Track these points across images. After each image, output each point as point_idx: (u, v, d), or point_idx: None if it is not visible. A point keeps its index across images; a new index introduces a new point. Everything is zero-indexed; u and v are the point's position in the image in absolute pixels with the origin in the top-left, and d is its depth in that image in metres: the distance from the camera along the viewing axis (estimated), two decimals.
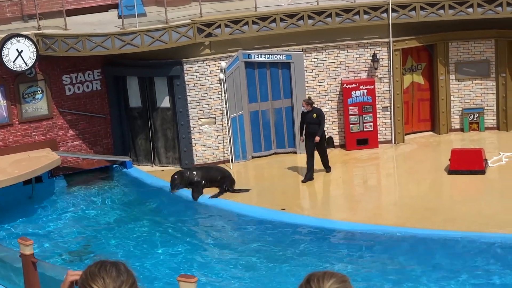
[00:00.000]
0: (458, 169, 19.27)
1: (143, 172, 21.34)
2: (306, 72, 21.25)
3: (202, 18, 20.41)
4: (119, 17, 20.85)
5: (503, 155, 20.18)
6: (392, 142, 21.79)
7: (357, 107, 21.31)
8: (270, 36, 20.87)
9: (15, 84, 20.47)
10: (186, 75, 20.68)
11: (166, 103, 21.18)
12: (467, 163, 19.25)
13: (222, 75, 20.73)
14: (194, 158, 21.16)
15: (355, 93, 21.22)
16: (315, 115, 19.52)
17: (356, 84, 21.23)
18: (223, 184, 19.62)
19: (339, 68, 21.38)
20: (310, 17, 20.69)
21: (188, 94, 20.80)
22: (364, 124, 21.40)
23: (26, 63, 20.00)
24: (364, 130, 21.43)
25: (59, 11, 21.05)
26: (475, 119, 21.99)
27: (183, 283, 11.33)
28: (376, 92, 21.41)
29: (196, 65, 20.72)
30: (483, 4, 20.48)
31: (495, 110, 21.91)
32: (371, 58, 21.25)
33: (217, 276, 15.88)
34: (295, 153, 21.52)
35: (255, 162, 21.43)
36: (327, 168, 20.14)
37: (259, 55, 20.98)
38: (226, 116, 20.98)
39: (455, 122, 22.16)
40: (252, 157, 21.58)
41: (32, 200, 20.14)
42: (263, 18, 20.57)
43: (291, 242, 17.01)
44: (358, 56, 21.36)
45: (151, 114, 21.44)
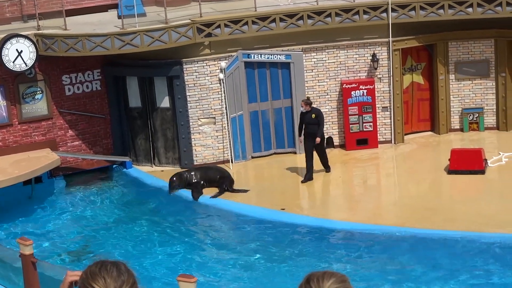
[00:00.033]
0: (457, 169, 19.26)
1: (143, 172, 21.33)
2: (305, 72, 21.25)
3: (201, 18, 20.41)
4: (119, 17, 20.84)
5: (503, 155, 20.17)
6: (391, 142, 21.78)
7: (356, 107, 21.30)
8: (269, 36, 20.86)
9: (14, 84, 20.46)
10: (185, 75, 20.67)
11: (165, 103, 21.17)
12: (467, 163, 19.24)
13: (221, 75, 20.73)
14: (193, 158, 21.15)
15: (355, 93, 21.22)
16: (313, 116, 19.51)
17: (355, 84, 21.23)
18: (222, 184, 19.61)
19: (339, 68, 21.38)
20: (309, 17, 20.69)
21: (187, 94, 20.80)
22: (364, 124, 21.39)
23: (25, 63, 19.99)
24: (364, 130, 21.43)
25: (58, 11, 21.04)
26: (475, 119, 21.98)
27: (183, 283, 11.34)
28: (376, 92, 21.40)
29: (196, 65, 20.72)
30: (482, 3, 20.48)
31: (494, 110, 21.90)
32: (370, 58, 21.25)
33: (216, 276, 15.88)
34: (295, 153, 21.51)
35: (255, 162, 21.43)
36: (326, 168, 20.13)
37: (259, 55, 20.98)
38: (225, 116, 20.97)
39: (455, 122, 22.15)
40: (252, 157, 21.57)
41: (31, 200, 20.12)
42: (262, 18, 20.56)
43: (291, 242, 17.00)
44: (357, 56, 21.36)
45: (150, 114, 21.43)
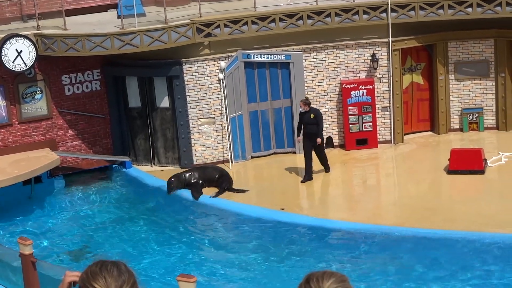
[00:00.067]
0: (457, 169, 19.26)
1: (143, 172, 21.32)
2: (305, 72, 21.24)
3: (201, 18, 20.41)
4: (119, 17, 20.84)
5: (503, 155, 20.17)
6: (391, 142, 21.78)
7: (356, 107, 21.30)
8: (269, 36, 20.86)
9: (14, 84, 20.46)
10: (185, 75, 20.67)
11: (165, 103, 21.17)
12: (467, 163, 19.24)
13: (221, 75, 20.72)
14: (193, 158, 21.15)
15: (355, 93, 21.22)
16: (312, 116, 19.51)
17: (355, 84, 21.23)
18: (221, 183, 19.61)
19: (339, 68, 21.37)
20: (309, 17, 20.68)
21: (187, 94, 20.80)
22: (364, 124, 21.39)
23: (25, 63, 19.99)
24: (364, 130, 21.43)
25: (58, 11, 21.04)
26: (475, 119, 21.98)
27: (183, 282, 11.33)
28: (376, 92, 21.40)
29: (196, 65, 20.71)
30: (482, 3, 20.48)
31: (494, 110, 21.90)
32: (370, 58, 21.24)
33: (215, 276, 15.88)
34: (295, 153, 21.51)
35: (255, 162, 21.42)
36: (326, 168, 20.13)
37: (259, 55, 20.98)
38: (225, 116, 20.97)
39: (455, 122, 22.15)
40: (252, 157, 21.57)
41: (31, 200, 20.12)
42: (262, 18, 20.56)
43: (291, 242, 17.00)
44: (357, 56, 21.35)
45: (150, 114, 21.43)
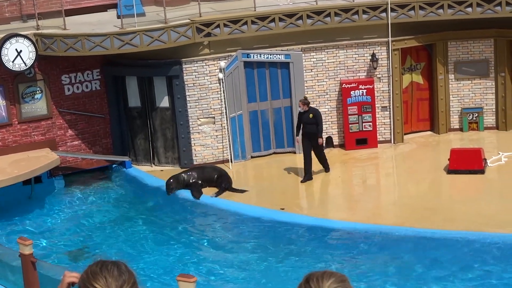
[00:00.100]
0: (457, 168, 19.26)
1: (142, 172, 21.31)
2: (305, 71, 21.24)
3: (201, 18, 20.40)
4: (118, 17, 20.84)
5: (502, 154, 20.17)
6: (391, 142, 21.77)
7: (356, 107, 21.30)
8: (269, 35, 20.86)
9: (14, 84, 20.46)
10: (185, 75, 20.67)
11: (165, 103, 21.16)
12: (466, 163, 19.24)
13: (221, 75, 20.72)
14: (193, 158, 21.14)
15: (354, 92, 21.21)
16: (311, 115, 19.50)
17: (355, 83, 21.22)
18: (221, 183, 19.60)
19: (338, 68, 21.37)
20: (309, 16, 20.68)
21: (187, 94, 20.79)
22: (363, 123, 21.38)
23: (25, 63, 19.98)
24: (363, 129, 21.42)
25: (58, 11, 21.04)
26: (474, 118, 21.98)
27: (183, 282, 11.33)
28: (375, 91, 21.40)
29: (195, 65, 20.71)
30: (482, 3, 20.47)
31: (494, 110, 21.89)
32: (370, 57, 21.24)
33: (214, 276, 15.87)
34: (294, 153, 21.50)
35: (254, 162, 21.42)
36: (326, 167, 20.12)
37: (258, 55, 20.97)
38: (225, 116, 20.97)
39: (454, 121, 22.15)
40: (251, 157, 21.57)
41: (31, 200, 20.12)
42: (262, 17, 20.56)
43: (290, 242, 16.99)
44: (357, 55, 21.35)
45: (150, 114, 21.42)
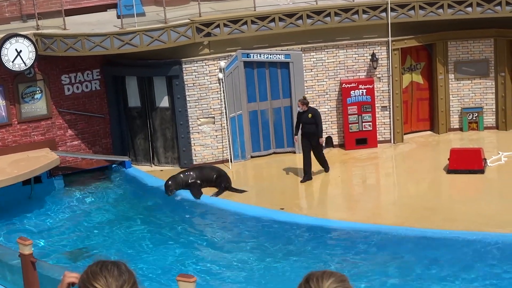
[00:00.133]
0: (457, 168, 19.25)
1: (142, 172, 21.31)
2: (305, 71, 21.24)
3: (201, 18, 20.40)
4: (118, 16, 20.83)
5: (502, 154, 20.17)
6: (391, 142, 21.77)
7: (356, 107, 21.29)
8: (269, 35, 20.86)
9: (14, 84, 20.45)
10: (185, 74, 20.67)
11: (165, 103, 21.16)
12: (466, 163, 19.24)
13: (221, 75, 20.72)
14: (193, 158, 21.14)
15: (354, 92, 21.21)
16: (310, 115, 19.49)
17: (355, 83, 21.22)
18: (220, 183, 19.60)
19: (338, 68, 21.37)
20: (309, 16, 20.68)
21: (187, 93, 20.79)
22: (363, 123, 21.38)
23: (25, 63, 19.98)
24: (363, 129, 21.42)
25: (58, 11, 21.03)
26: (474, 118, 21.97)
27: (182, 282, 11.32)
28: (375, 91, 21.39)
29: (195, 64, 20.71)
30: (482, 3, 20.47)
31: (494, 110, 21.89)
32: (370, 57, 21.24)
33: (214, 276, 15.86)
34: (294, 152, 21.50)
35: (254, 161, 21.42)
36: (325, 167, 20.12)
37: (258, 55, 20.97)
38: (225, 115, 20.96)
39: (454, 121, 22.14)
40: (251, 156, 21.56)
41: (31, 200, 20.12)
42: (262, 17, 20.56)
43: (290, 241, 16.99)
44: (357, 55, 21.35)
45: (150, 114, 21.42)
